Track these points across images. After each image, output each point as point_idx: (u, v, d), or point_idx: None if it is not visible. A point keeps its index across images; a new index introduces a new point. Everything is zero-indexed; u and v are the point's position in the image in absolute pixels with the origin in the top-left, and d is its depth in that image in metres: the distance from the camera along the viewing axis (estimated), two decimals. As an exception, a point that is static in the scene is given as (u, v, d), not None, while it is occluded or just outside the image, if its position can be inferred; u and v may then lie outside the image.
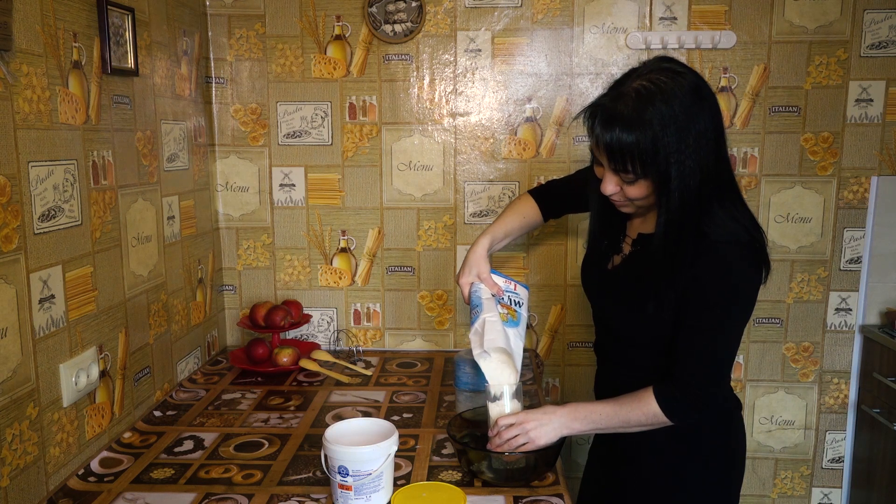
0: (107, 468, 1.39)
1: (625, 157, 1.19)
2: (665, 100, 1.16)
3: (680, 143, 1.16)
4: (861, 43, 2.04)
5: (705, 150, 1.19)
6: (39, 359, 1.29)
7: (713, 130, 1.20)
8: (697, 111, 1.18)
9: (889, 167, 2.11)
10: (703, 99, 1.20)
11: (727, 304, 1.24)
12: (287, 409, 1.70)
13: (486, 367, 1.39)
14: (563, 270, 2.18)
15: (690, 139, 1.17)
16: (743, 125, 2.10)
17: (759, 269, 1.26)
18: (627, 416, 1.29)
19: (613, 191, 1.26)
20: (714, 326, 1.25)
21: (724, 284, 1.23)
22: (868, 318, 2.18)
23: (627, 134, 1.17)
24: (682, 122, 1.16)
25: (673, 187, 1.19)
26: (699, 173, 1.18)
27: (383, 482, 1.20)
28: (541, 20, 2.06)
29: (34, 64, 1.26)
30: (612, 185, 1.25)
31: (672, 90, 1.17)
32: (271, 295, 2.22)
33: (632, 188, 1.24)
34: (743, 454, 1.42)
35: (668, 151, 1.16)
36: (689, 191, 1.19)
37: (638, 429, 1.31)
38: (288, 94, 2.12)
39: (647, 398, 1.28)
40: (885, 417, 2.05)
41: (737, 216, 1.25)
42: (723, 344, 1.27)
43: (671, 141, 1.16)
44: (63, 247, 1.36)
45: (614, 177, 1.25)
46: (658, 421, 1.28)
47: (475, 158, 2.13)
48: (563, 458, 1.75)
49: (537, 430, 1.30)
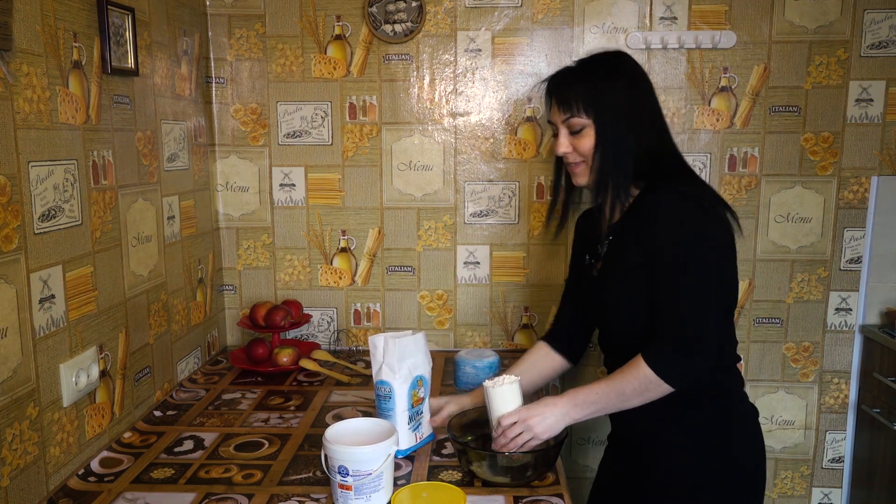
0: (107, 468, 1.39)
1: (570, 93, 1.34)
2: (611, 61, 1.38)
3: (623, 95, 1.33)
4: (861, 43, 2.04)
5: (646, 116, 1.35)
6: (39, 359, 1.29)
7: (652, 104, 1.37)
8: (636, 85, 1.36)
9: (889, 167, 2.11)
10: (645, 78, 1.38)
11: (684, 247, 1.25)
12: (287, 409, 1.70)
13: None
14: (563, 270, 2.18)
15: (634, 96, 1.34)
16: (743, 125, 2.10)
17: (707, 210, 1.28)
18: (622, 387, 1.27)
19: (567, 148, 1.37)
20: (677, 273, 1.25)
21: (673, 229, 1.26)
22: (868, 318, 2.18)
23: (575, 77, 1.37)
24: (627, 79, 1.35)
25: (610, 132, 1.32)
26: (636, 138, 1.33)
27: (383, 482, 1.20)
28: (541, 20, 2.06)
29: (34, 64, 1.26)
30: (566, 144, 1.37)
31: (617, 58, 1.39)
32: (271, 295, 2.22)
33: (580, 140, 1.35)
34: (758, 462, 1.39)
35: (609, 98, 1.32)
36: (624, 148, 1.32)
37: (637, 400, 1.28)
38: (288, 94, 2.12)
39: (637, 363, 1.27)
40: (885, 417, 2.05)
41: (691, 182, 1.35)
42: (691, 288, 1.25)
43: (613, 91, 1.33)
44: (63, 247, 1.36)
45: (566, 132, 1.36)
46: (652, 385, 1.25)
47: (475, 158, 2.13)
48: (563, 458, 1.75)
49: (540, 425, 1.30)
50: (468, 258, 2.18)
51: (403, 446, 1.41)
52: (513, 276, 2.19)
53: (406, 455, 1.43)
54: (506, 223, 2.16)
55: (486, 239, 2.17)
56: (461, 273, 2.19)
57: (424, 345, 1.46)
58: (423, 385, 1.45)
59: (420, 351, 1.44)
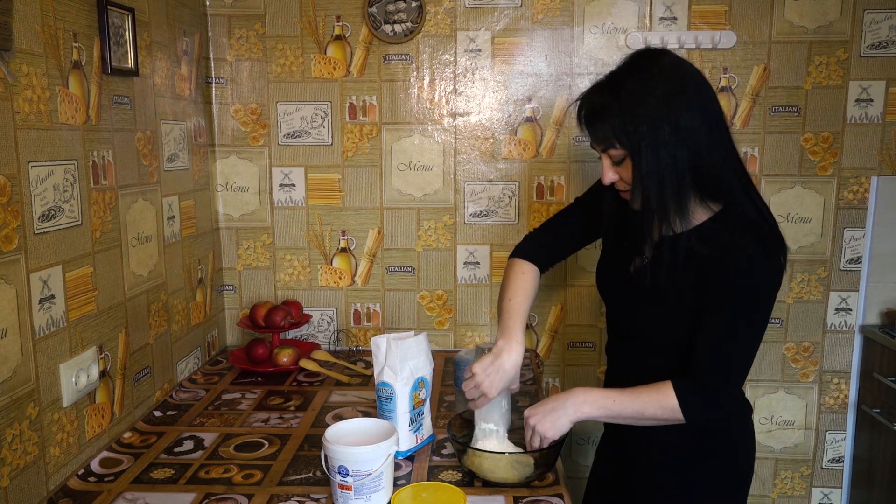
0: (107, 468, 1.39)
1: (601, 127, 1.22)
2: (642, 76, 1.20)
3: (656, 119, 1.17)
4: (861, 43, 2.04)
5: (691, 135, 1.18)
6: (39, 359, 1.29)
7: (700, 118, 1.19)
8: (679, 93, 1.18)
9: (889, 167, 2.11)
10: (688, 85, 1.20)
11: (748, 304, 1.23)
12: (287, 409, 1.70)
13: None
14: (563, 270, 2.18)
15: (671, 116, 1.17)
16: (743, 125, 2.10)
17: (779, 266, 1.25)
18: (643, 407, 1.26)
19: (612, 178, 1.27)
20: (735, 325, 1.23)
21: (746, 282, 1.21)
22: (868, 318, 2.18)
23: (604, 104, 1.21)
24: (660, 98, 1.17)
25: (647, 164, 1.19)
26: (684, 157, 1.18)
27: (383, 482, 1.20)
28: (541, 20, 2.06)
29: (34, 64, 1.26)
30: (610, 173, 1.27)
31: (650, 69, 1.20)
32: (271, 295, 2.22)
33: (623, 170, 1.24)
34: (752, 457, 1.40)
35: (642, 124, 1.17)
36: (668, 175, 1.19)
37: (650, 422, 1.28)
38: (288, 94, 2.12)
39: (667, 391, 1.24)
40: (885, 417, 2.05)
41: (760, 208, 1.26)
42: (743, 344, 1.25)
43: (645, 112, 1.17)
44: (63, 247, 1.36)
45: (608, 161, 1.26)
46: (673, 417, 1.25)
47: (475, 158, 2.13)
48: (564, 458, 1.75)
49: (544, 424, 1.29)
50: (468, 258, 2.18)
51: (404, 448, 1.41)
52: (513, 277, 2.18)
53: (406, 456, 1.43)
54: (506, 223, 2.16)
55: (485, 239, 2.17)
56: (461, 273, 2.19)
57: (426, 346, 1.46)
58: (425, 387, 1.45)
59: (422, 353, 1.44)
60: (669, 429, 1.32)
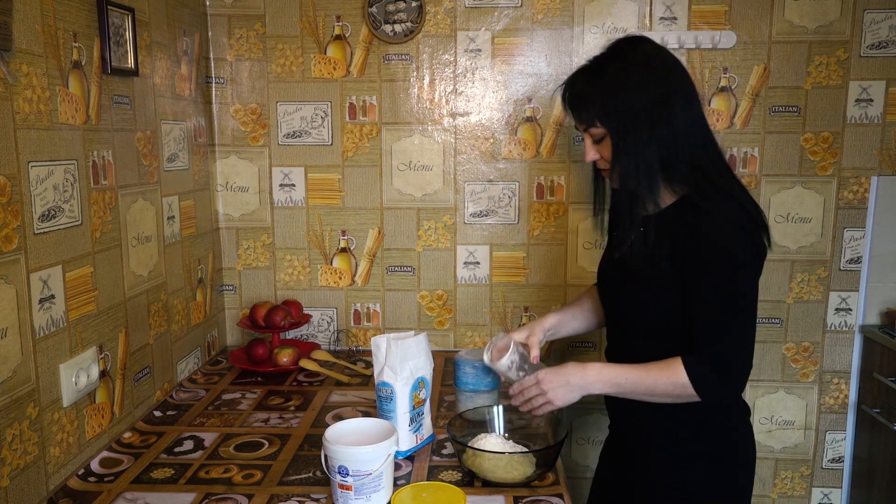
0: (107, 468, 1.39)
1: (583, 108, 1.28)
2: (622, 63, 1.26)
3: (635, 101, 1.24)
4: (861, 43, 2.04)
5: (669, 116, 1.24)
6: (39, 359, 1.29)
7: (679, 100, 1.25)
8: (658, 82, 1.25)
9: (889, 167, 2.11)
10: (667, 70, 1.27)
11: (728, 265, 1.23)
12: (287, 409, 1.70)
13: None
14: (563, 270, 2.18)
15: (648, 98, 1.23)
16: (743, 125, 2.10)
17: (754, 226, 1.26)
18: (654, 382, 1.27)
19: (593, 156, 1.32)
20: (718, 288, 1.23)
21: (722, 245, 1.23)
22: (868, 318, 2.18)
23: (586, 83, 1.29)
24: (638, 83, 1.24)
25: (625, 142, 1.25)
26: (661, 142, 1.24)
27: (383, 482, 1.20)
28: (541, 20, 2.06)
29: (34, 64, 1.26)
30: (592, 151, 1.32)
31: (628, 57, 1.27)
32: (271, 295, 2.22)
33: (603, 148, 1.29)
34: (752, 458, 1.40)
35: (623, 104, 1.24)
36: (646, 155, 1.24)
37: (662, 399, 1.28)
38: (288, 94, 2.12)
39: (676, 367, 1.25)
40: (885, 417, 2.05)
41: (734, 194, 1.28)
42: (731, 305, 1.24)
43: (627, 95, 1.24)
44: (63, 247, 1.36)
45: (589, 140, 1.31)
46: (685, 393, 1.25)
47: (475, 158, 2.13)
48: (564, 458, 1.75)
49: (556, 391, 1.31)
50: (468, 258, 2.18)
51: (404, 448, 1.41)
52: (513, 277, 2.19)
53: (406, 456, 1.43)
54: (506, 223, 2.16)
55: (485, 239, 2.17)
56: (461, 273, 2.19)
57: (426, 346, 1.46)
58: (425, 387, 1.45)
59: (422, 353, 1.44)
60: (670, 429, 1.33)
